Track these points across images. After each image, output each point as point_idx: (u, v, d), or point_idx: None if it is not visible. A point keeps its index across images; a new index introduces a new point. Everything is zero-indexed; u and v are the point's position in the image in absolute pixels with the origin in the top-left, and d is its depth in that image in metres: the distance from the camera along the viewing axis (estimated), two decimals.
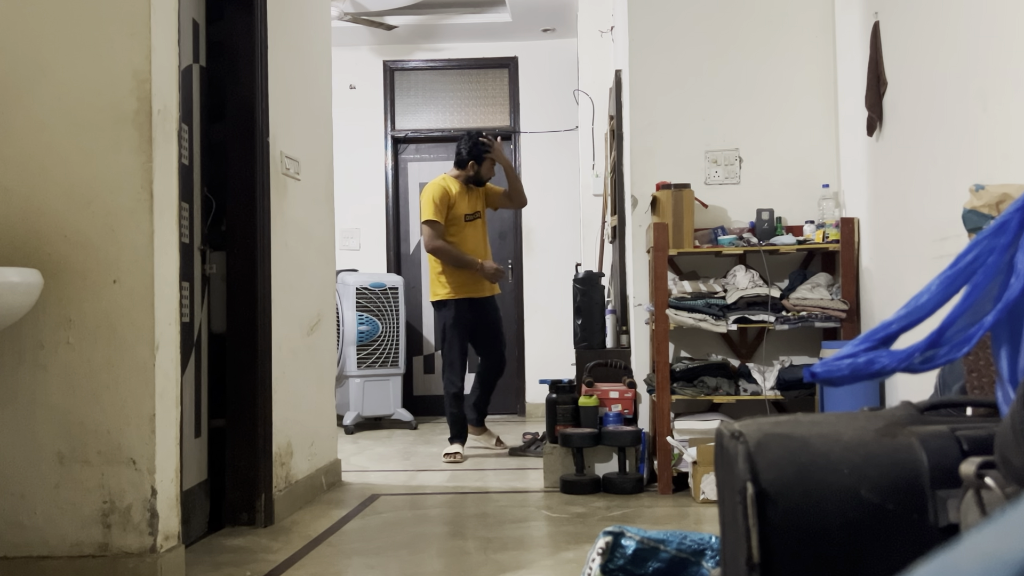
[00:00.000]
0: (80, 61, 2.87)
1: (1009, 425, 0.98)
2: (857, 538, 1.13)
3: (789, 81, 4.69)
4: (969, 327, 1.18)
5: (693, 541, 1.83)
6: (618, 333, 5.17)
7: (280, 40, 4.16)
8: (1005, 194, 2.21)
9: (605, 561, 1.82)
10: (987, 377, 1.74)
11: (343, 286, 6.92)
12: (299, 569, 3.16)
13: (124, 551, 2.82)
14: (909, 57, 3.66)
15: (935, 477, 1.14)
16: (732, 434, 1.21)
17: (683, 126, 4.72)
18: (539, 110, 8.03)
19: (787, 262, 4.60)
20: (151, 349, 2.86)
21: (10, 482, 2.82)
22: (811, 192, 4.59)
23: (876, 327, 1.25)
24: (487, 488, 4.73)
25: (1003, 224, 1.17)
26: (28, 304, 2.64)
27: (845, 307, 4.26)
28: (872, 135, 4.06)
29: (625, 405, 4.68)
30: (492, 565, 3.17)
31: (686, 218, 4.42)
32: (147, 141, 2.87)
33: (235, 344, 3.83)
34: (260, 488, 3.79)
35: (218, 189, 3.83)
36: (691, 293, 4.38)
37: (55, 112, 2.86)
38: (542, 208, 7.95)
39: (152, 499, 2.84)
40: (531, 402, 7.78)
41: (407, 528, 3.76)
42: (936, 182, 3.39)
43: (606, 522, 3.75)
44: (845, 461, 1.16)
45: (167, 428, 2.93)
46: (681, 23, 4.76)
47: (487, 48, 7.99)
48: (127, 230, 2.85)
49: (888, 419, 1.22)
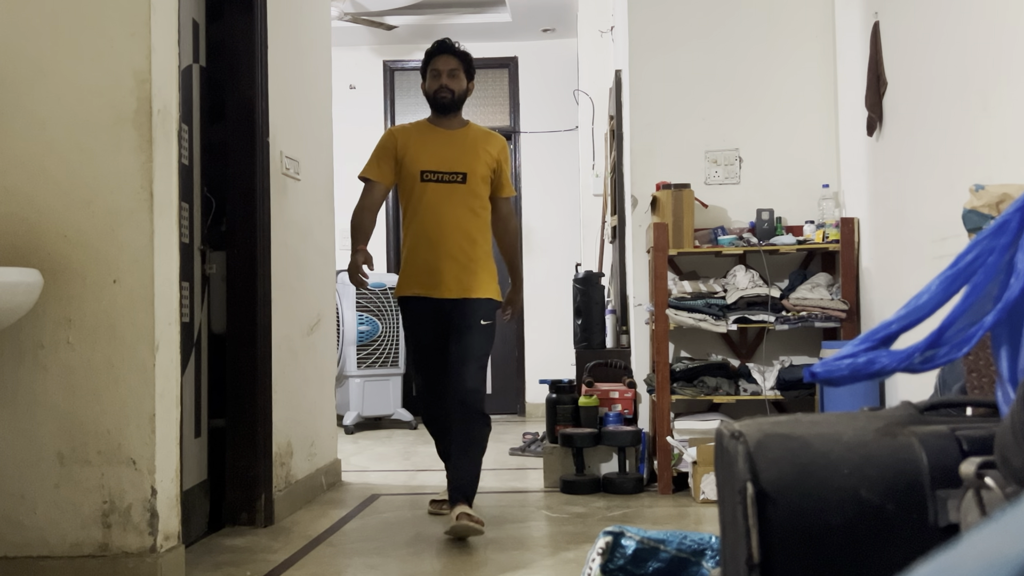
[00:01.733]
0: (80, 61, 2.87)
1: (1009, 425, 0.98)
2: (857, 538, 1.13)
3: (789, 81, 4.69)
4: (969, 327, 1.18)
5: (693, 541, 1.83)
6: (618, 333, 5.17)
7: (280, 40, 4.16)
8: (1005, 194, 2.21)
9: (605, 561, 1.82)
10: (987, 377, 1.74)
11: (343, 286, 6.92)
12: (299, 569, 3.16)
13: (124, 551, 2.81)
14: (909, 57, 3.66)
15: (935, 477, 1.14)
16: (732, 434, 1.21)
17: (683, 126, 4.72)
18: (539, 110, 8.03)
19: (787, 262, 4.60)
20: (151, 349, 2.85)
21: (10, 482, 2.82)
22: (811, 192, 4.59)
23: (876, 327, 1.25)
24: (487, 488, 4.73)
25: (1003, 224, 1.17)
26: (28, 304, 2.64)
27: (845, 307, 4.26)
28: (872, 135, 4.06)
29: (625, 405, 4.68)
30: (492, 565, 3.17)
31: (686, 218, 4.42)
32: (147, 141, 2.87)
33: (235, 344, 3.83)
34: (260, 488, 3.79)
35: (218, 189, 3.83)
36: (691, 293, 4.38)
37: (55, 112, 2.86)
38: (542, 208, 7.95)
39: (152, 499, 2.84)
40: (531, 402, 7.78)
41: (407, 528, 3.76)
42: (936, 182, 3.39)
43: (606, 522, 3.75)
44: (845, 461, 1.16)
45: (167, 428, 2.93)
46: (681, 23, 4.76)
47: (487, 48, 7.99)
48: (127, 230, 2.85)
49: (888, 419, 1.22)
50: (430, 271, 3.74)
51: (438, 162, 3.76)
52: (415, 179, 3.75)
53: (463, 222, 3.74)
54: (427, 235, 3.73)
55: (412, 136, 3.82)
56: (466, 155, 3.79)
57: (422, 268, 3.75)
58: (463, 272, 3.73)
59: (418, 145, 3.79)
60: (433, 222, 3.72)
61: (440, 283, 3.73)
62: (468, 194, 3.76)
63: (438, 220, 3.72)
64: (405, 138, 3.82)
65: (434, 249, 3.73)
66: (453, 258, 3.73)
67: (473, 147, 3.81)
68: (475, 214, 3.77)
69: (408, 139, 3.81)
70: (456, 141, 3.83)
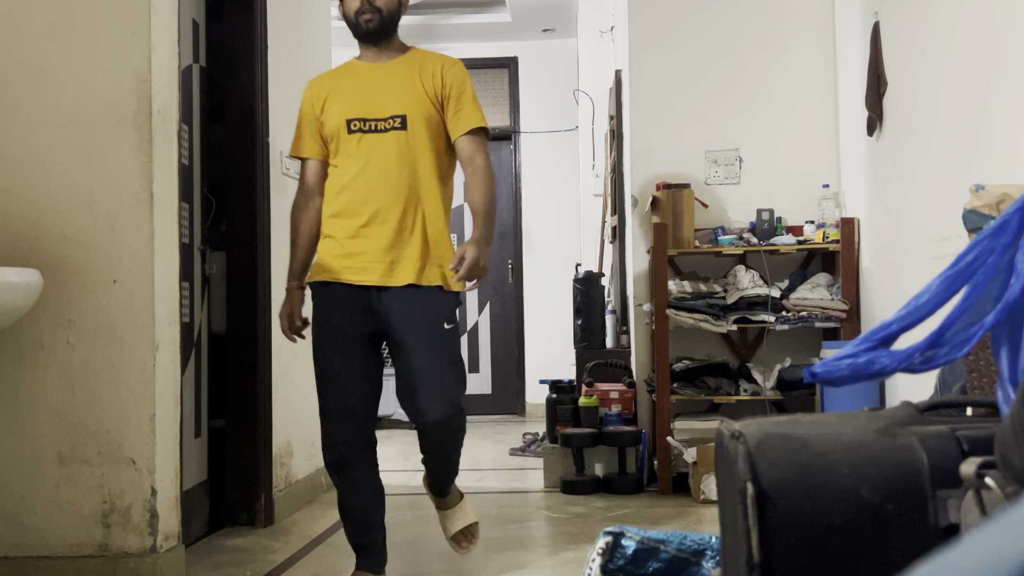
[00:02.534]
0: (80, 61, 2.87)
1: (1009, 425, 0.98)
2: (857, 538, 1.13)
3: (789, 81, 4.69)
4: (969, 327, 1.18)
5: (693, 541, 1.83)
6: (618, 333, 5.17)
7: (280, 40, 4.16)
8: (1005, 194, 2.21)
9: (605, 561, 1.82)
10: (987, 377, 1.74)
11: None
12: (299, 569, 3.16)
13: (124, 551, 2.81)
14: (909, 57, 3.66)
15: (935, 477, 1.14)
16: (732, 434, 1.21)
17: (683, 126, 4.72)
18: (539, 110, 8.03)
19: (787, 262, 4.60)
20: (151, 349, 2.85)
21: (10, 482, 2.82)
22: (811, 192, 4.59)
23: (876, 327, 1.25)
24: (487, 488, 4.72)
25: (1003, 224, 1.17)
26: (28, 304, 2.64)
27: (845, 307, 4.26)
28: (872, 135, 4.06)
29: (625, 405, 4.68)
30: (492, 565, 3.17)
31: (686, 218, 4.42)
32: (147, 141, 2.87)
33: (235, 344, 3.83)
34: (260, 488, 3.79)
35: (218, 189, 3.83)
36: (691, 293, 4.38)
37: (55, 112, 2.86)
38: (542, 208, 7.95)
39: (152, 499, 2.84)
40: (531, 402, 7.77)
41: (407, 528, 3.76)
42: (936, 182, 3.39)
43: (606, 522, 3.75)
44: (845, 461, 1.16)
45: (167, 428, 2.93)
46: (681, 23, 4.76)
47: (487, 48, 7.99)
48: (127, 230, 2.85)
49: (888, 419, 1.22)
50: (355, 248, 2.74)
51: (367, 106, 2.77)
52: (341, 132, 2.77)
53: (407, 181, 2.74)
54: (357, 201, 2.75)
55: (334, 82, 2.87)
56: (403, 92, 2.78)
57: (344, 242, 2.75)
58: (405, 249, 2.73)
59: (341, 91, 2.82)
60: (365, 184, 2.74)
61: (370, 264, 2.72)
62: (412, 142, 2.75)
63: (373, 181, 2.73)
64: (325, 87, 2.86)
65: (362, 218, 2.73)
66: (391, 230, 2.72)
67: (409, 79, 2.81)
68: (424, 169, 2.77)
69: (329, 87, 2.86)
70: (390, 76, 2.82)
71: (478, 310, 8.07)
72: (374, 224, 2.73)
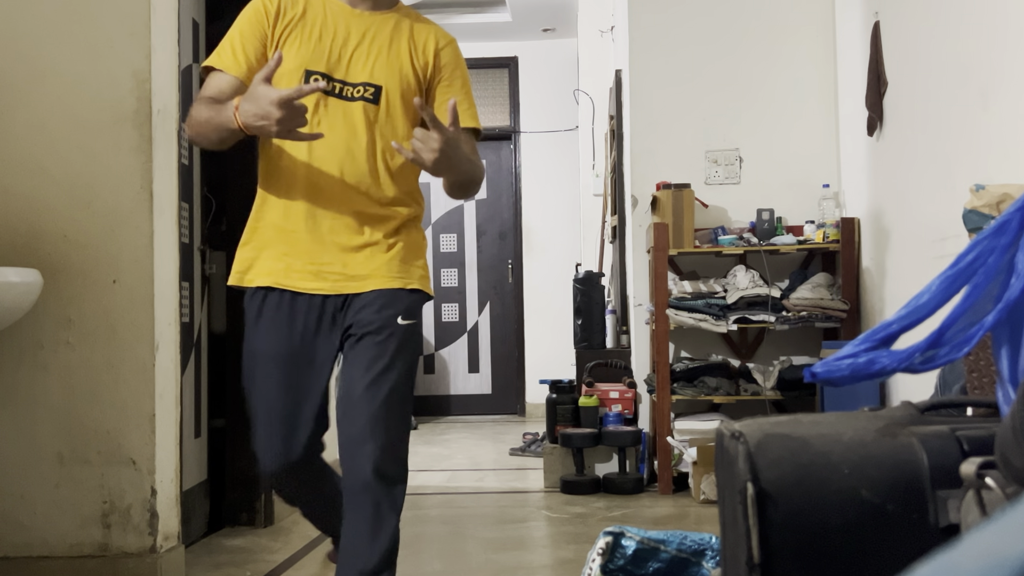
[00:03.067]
0: (80, 61, 2.87)
1: (1009, 425, 0.98)
2: (857, 538, 1.13)
3: (789, 81, 4.69)
4: (969, 327, 1.18)
5: (693, 541, 1.83)
6: (618, 333, 5.16)
7: None
8: (1005, 194, 2.21)
9: (605, 561, 1.82)
10: (987, 377, 1.74)
11: None
12: (299, 569, 3.16)
13: (124, 551, 2.81)
14: (909, 57, 3.65)
15: (935, 477, 1.14)
16: (732, 434, 1.21)
17: (683, 126, 4.72)
18: (539, 110, 8.03)
19: (787, 262, 4.60)
20: (151, 349, 2.85)
21: (10, 482, 2.82)
22: (811, 192, 4.59)
23: (876, 327, 1.25)
24: (487, 488, 4.73)
25: (1004, 224, 1.17)
26: (28, 304, 2.64)
27: (845, 307, 4.26)
28: (872, 135, 4.06)
29: (625, 405, 4.68)
30: (492, 565, 3.17)
31: (686, 218, 4.42)
32: (147, 141, 2.87)
33: (235, 344, 3.82)
34: (260, 488, 3.79)
35: (218, 189, 3.83)
36: (691, 293, 4.38)
37: (55, 112, 2.86)
38: (542, 208, 7.95)
39: (152, 499, 2.83)
40: (531, 402, 7.77)
41: (407, 528, 3.75)
42: (936, 182, 3.39)
43: (606, 522, 3.75)
44: (845, 461, 1.16)
45: (167, 428, 2.93)
46: (681, 23, 4.76)
47: (487, 48, 7.99)
48: (127, 230, 2.85)
49: (888, 419, 1.22)
50: (310, 248, 2.16)
51: (335, 61, 2.15)
52: (294, 83, 2.10)
53: (372, 168, 2.15)
54: (309, 185, 2.14)
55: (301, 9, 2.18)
56: (384, 56, 2.18)
57: (294, 240, 2.17)
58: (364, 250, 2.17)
59: (307, 27, 2.16)
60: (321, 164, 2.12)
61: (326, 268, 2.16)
62: (383, 121, 2.16)
63: (331, 160, 2.12)
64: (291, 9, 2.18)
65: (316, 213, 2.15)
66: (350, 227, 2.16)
67: (395, 43, 2.20)
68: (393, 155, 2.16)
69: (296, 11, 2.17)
70: (370, 31, 2.19)
71: (478, 310, 8.07)
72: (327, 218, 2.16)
